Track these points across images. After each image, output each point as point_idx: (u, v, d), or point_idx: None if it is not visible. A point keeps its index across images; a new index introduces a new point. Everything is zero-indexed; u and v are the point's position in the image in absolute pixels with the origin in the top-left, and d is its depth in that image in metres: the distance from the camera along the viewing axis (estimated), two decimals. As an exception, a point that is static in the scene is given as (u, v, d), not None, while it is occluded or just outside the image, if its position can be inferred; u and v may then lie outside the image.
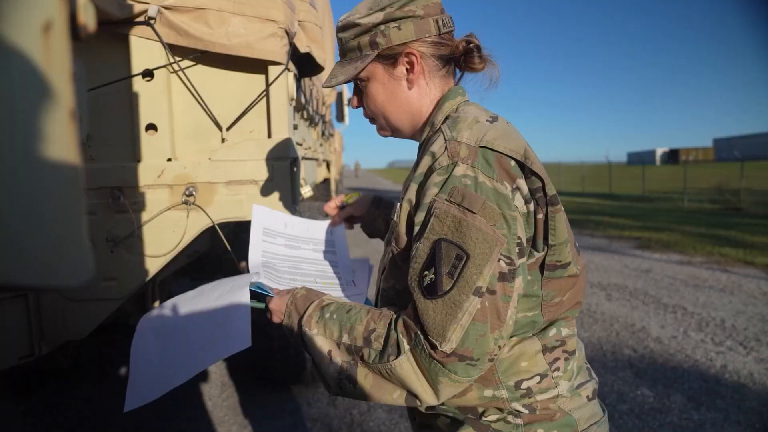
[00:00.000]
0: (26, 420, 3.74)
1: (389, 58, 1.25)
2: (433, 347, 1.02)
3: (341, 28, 1.29)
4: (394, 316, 1.13)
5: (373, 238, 1.74)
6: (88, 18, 0.49)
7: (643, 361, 4.55)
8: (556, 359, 1.18)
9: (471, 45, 1.27)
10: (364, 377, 1.12)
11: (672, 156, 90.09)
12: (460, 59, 1.29)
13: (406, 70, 1.26)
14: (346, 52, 1.30)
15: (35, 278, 0.40)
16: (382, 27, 1.22)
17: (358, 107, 1.38)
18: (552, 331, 1.19)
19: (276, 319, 1.29)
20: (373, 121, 1.36)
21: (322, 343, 1.17)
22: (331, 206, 1.74)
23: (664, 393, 3.95)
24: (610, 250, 9.78)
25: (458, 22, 1.31)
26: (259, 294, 1.36)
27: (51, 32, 0.41)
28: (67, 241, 0.43)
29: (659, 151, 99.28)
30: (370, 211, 1.70)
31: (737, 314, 5.67)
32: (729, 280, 7.11)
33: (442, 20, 1.24)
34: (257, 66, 2.22)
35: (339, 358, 1.14)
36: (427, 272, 1.05)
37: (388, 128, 1.35)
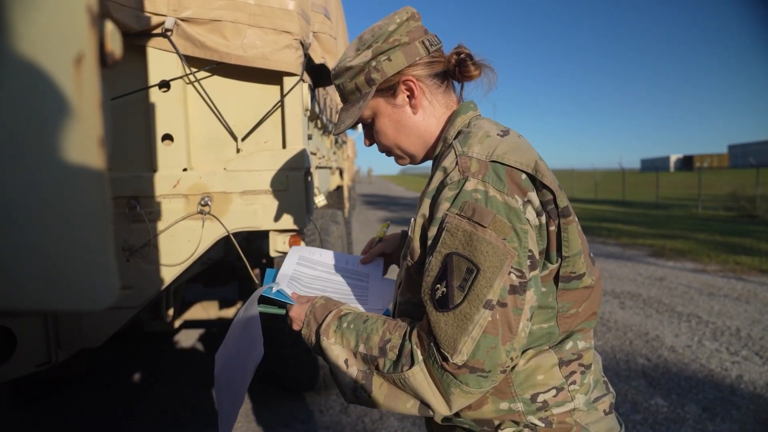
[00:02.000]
0: (41, 427, 3.78)
1: (388, 90, 1.29)
2: (445, 359, 1.04)
3: (336, 76, 1.33)
4: (409, 327, 1.15)
5: None
6: (115, 46, 0.51)
7: (657, 370, 4.51)
8: (573, 372, 1.18)
9: (462, 55, 1.30)
10: (379, 386, 1.14)
11: (686, 163, 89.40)
12: (455, 71, 1.31)
13: (407, 97, 1.29)
14: (346, 96, 1.34)
15: (66, 304, 0.41)
16: (374, 63, 1.26)
17: (371, 145, 1.42)
18: (568, 345, 1.20)
19: (295, 327, 1.32)
20: (389, 153, 1.39)
21: (339, 352, 1.19)
22: (366, 248, 1.73)
23: (679, 403, 3.91)
24: (624, 257, 9.72)
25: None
26: (279, 301, 1.39)
27: (82, 64, 0.43)
28: (95, 267, 0.44)
29: (673, 158, 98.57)
30: (401, 248, 1.68)
31: (753, 323, 5.61)
32: (744, 289, 7.04)
33: (428, 40, 1.28)
34: (272, 77, 2.25)
35: (355, 366, 1.17)
36: (438, 285, 1.07)
37: (405, 156, 1.38)
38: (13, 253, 0.37)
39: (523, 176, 1.11)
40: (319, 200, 2.69)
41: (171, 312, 3.26)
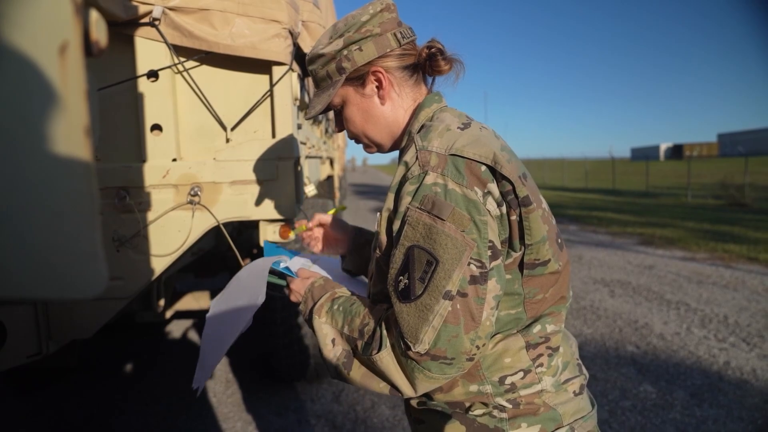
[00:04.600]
0: (33, 418, 3.78)
1: (358, 79, 1.31)
2: (408, 347, 1.08)
3: (309, 62, 1.36)
4: (384, 313, 1.20)
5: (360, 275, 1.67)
6: (100, 34, 0.51)
7: (646, 357, 4.56)
8: (540, 355, 1.22)
9: (433, 50, 1.32)
10: (358, 366, 1.21)
11: (676, 151, 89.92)
12: (425, 65, 1.33)
13: (376, 87, 1.32)
14: (318, 82, 1.37)
15: (54, 292, 0.41)
16: (345, 51, 1.28)
17: (340, 131, 1.45)
18: (536, 328, 1.23)
19: (293, 298, 1.40)
20: (358, 141, 1.42)
21: (328, 331, 1.26)
22: (315, 221, 1.67)
23: (667, 389, 3.96)
24: (614, 246, 9.78)
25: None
26: (282, 273, 1.47)
27: (67, 53, 0.43)
28: (82, 255, 0.45)
29: (663, 147, 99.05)
30: (356, 244, 1.63)
31: (740, 310, 5.68)
32: (732, 277, 7.11)
33: (401, 32, 1.30)
34: (261, 66, 2.24)
35: (340, 346, 1.24)
36: (401, 277, 1.11)
37: (372, 144, 1.41)
38: (0, 242, 0.38)
39: (483, 168, 1.13)
40: (309, 190, 2.69)
41: (162, 303, 3.26)
